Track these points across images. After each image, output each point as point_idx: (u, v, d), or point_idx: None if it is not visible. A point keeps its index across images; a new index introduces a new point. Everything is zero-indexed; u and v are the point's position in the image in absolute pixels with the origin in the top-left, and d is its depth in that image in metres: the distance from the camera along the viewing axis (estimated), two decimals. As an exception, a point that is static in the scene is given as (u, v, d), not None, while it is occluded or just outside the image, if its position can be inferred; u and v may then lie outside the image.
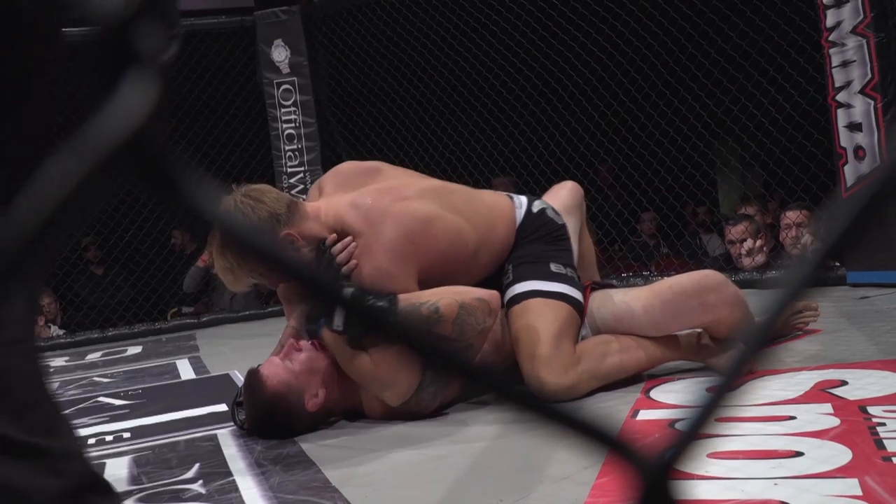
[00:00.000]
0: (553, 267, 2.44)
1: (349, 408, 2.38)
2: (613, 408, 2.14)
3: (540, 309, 2.36)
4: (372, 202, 2.37)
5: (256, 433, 2.31)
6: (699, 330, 2.45)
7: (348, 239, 2.33)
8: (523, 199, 2.62)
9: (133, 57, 0.29)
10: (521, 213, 2.57)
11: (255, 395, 2.27)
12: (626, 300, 2.44)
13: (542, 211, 2.59)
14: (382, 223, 2.31)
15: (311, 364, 2.29)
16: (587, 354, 2.35)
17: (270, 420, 2.27)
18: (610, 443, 0.34)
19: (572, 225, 2.76)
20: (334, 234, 2.35)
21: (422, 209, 2.36)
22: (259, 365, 2.33)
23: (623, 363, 2.37)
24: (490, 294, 2.29)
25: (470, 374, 0.35)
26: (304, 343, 2.35)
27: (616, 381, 2.40)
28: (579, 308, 2.43)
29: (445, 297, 2.21)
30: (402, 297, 2.19)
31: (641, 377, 2.41)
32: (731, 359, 0.35)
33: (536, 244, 2.50)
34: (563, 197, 2.82)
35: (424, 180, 2.61)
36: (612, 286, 2.63)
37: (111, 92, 0.29)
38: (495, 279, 2.50)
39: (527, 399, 0.35)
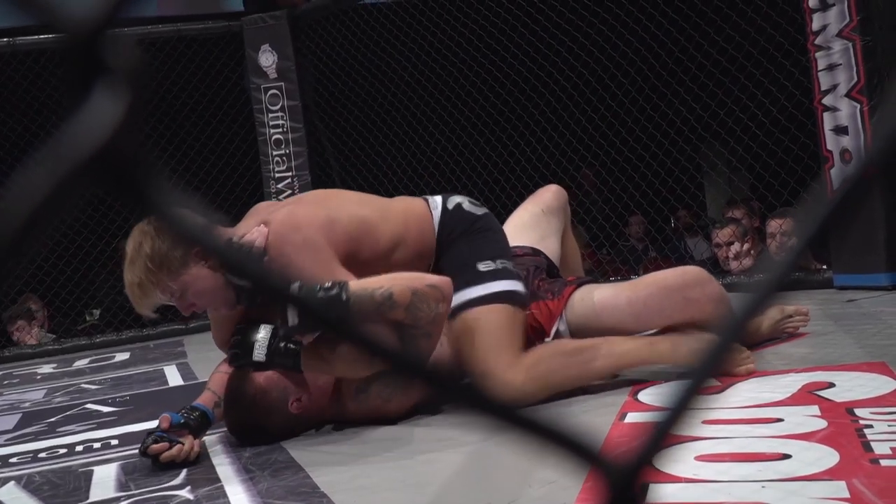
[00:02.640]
0: (481, 266, 2.36)
1: (336, 417, 2.36)
2: (600, 411, 2.14)
3: (474, 324, 2.29)
4: (271, 216, 2.31)
5: (234, 430, 2.30)
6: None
7: (261, 227, 2.25)
8: (437, 199, 2.53)
9: (102, 66, 0.29)
10: (437, 214, 2.48)
11: (239, 390, 2.23)
12: (609, 293, 2.43)
13: (459, 206, 2.50)
14: (291, 229, 2.24)
15: None
16: (544, 360, 2.30)
17: (249, 415, 2.23)
18: (572, 446, 0.34)
19: (555, 226, 2.76)
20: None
21: (320, 211, 2.30)
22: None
23: (585, 373, 2.33)
24: (442, 280, 2.20)
25: (428, 378, 0.35)
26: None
27: (603, 384, 2.40)
28: (519, 298, 2.37)
29: (398, 283, 2.12)
30: (352, 283, 2.09)
31: (629, 380, 2.41)
32: (700, 360, 0.35)
33: (459, 244, 2.42)
34: (546, 199, 2.82)
35: (335, 193, 2.59)
36: (595, 282, 2.63)
37: (82, 101, 0.29)
38: None
39: (485, 401, 0.35)
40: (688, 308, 2.34)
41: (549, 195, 2.84)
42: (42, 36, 5.91)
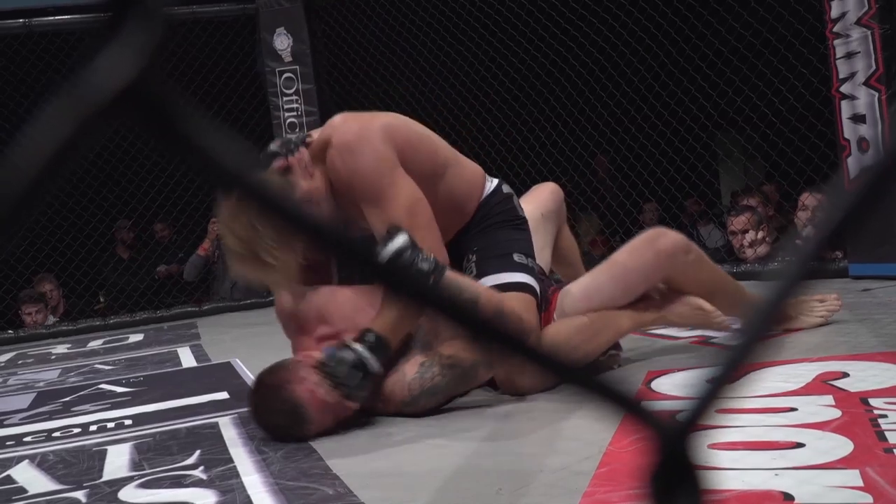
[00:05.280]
0: (516, 257, 2.43)
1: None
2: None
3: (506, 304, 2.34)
4: (346, 116, 2.36)
5: (263, 428, 2.17)
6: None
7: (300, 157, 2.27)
8: (495, 179, 2.60)
9: (135, 1, 0.28)
10: (490, 186, 2.54)
11: (274, 397, 2.10)
12: (589, 280, 2.50)
13: (510, 196, 2.57)
14: (344, 124, 2.29)
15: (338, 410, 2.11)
16: (560, 348, 2.33)
17: (295, 415, 2.08)
18: (628, 405, 0.33)
19: (551, 233, 2.79)
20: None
21: (377, 118, 2.34)
22: (282, 366, 2.17)
23: (604, 341, 2.41)
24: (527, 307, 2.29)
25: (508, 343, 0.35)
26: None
27: (615, 373, 2.43)
28: (538, 298, 2.43)
29: (488, 293, 2.18)
30: (448, 274, 2.10)
31: (642, 369, 2.41)
32: (739, 335, 0.35)
33: (501, 230, 2.47)
34: (544, 199, 2.82)
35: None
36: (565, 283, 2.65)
37: (113, 33, 0.28)
38: (455, 261, 2.43)
39: (553, 362, 0.34)
40: (662, 260, 2.42)
41: (546, 194, 2.84)
42: (57, 17, 5.92)
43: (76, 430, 2.54)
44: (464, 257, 2.47)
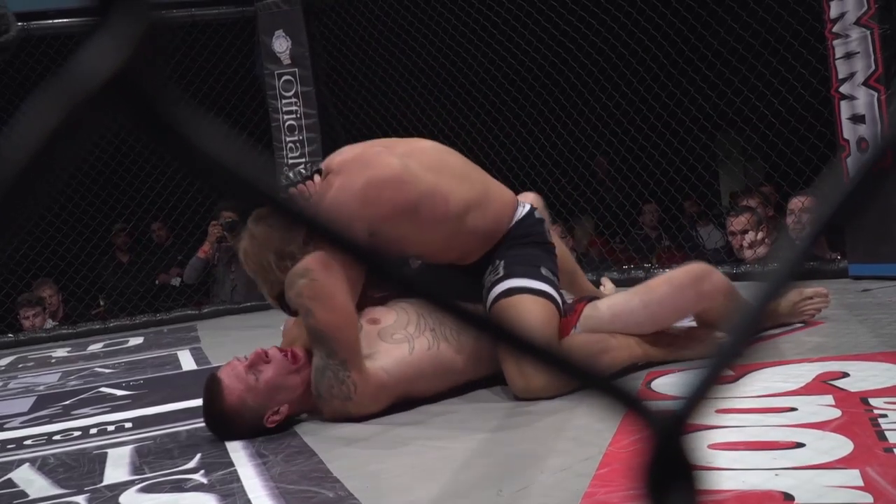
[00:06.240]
0: (543, 270, 2.45)
1: (311, 409, 2.33)
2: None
3: (531, 305, 2.35)
4: (360, 150, 2.42)
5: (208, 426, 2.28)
6: (689, 324, 2.50)
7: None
8: (528, 204, 2.62)
9: None
10: (522, 211, 2.56)
11: (212, 405, 2.21)
12: (621, 299, 2.49)
13: (542, 220, 2.60)
14: (361, 167, 2.33)
15: (276, 381, 2.21)
16: (577, 351, 2.34)
17: (224, 428, 2.21)
18: (626, 399, 0.33)
19: None
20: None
21: (396, 163, 2.35)
22: (220, 367, 2.28)
23: (614, 361, 2.37)
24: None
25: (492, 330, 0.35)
26: (274, 352, 2.26)
27: (615, 373, 2.42)
28: (561, 311, 2.44)
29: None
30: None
31: (642, 368, 2.41)
32: (733, 330, 0.35)
33: (531, 248, 2.50)
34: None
35: (422, 142, 2.62)
36: (597, 298, 2.63)
37: (98, 24, 0.28)
38: (481, 270, 2.48)
39: (548, 354, 0.34)
40: (700, 301, 2.42)
41: (531, 198, 2.85)
42: (56, 21, 5.92)
43: (76, 434, 2.54)
44: (484, 269, 2.49)
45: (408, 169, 2.35)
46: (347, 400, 2.21)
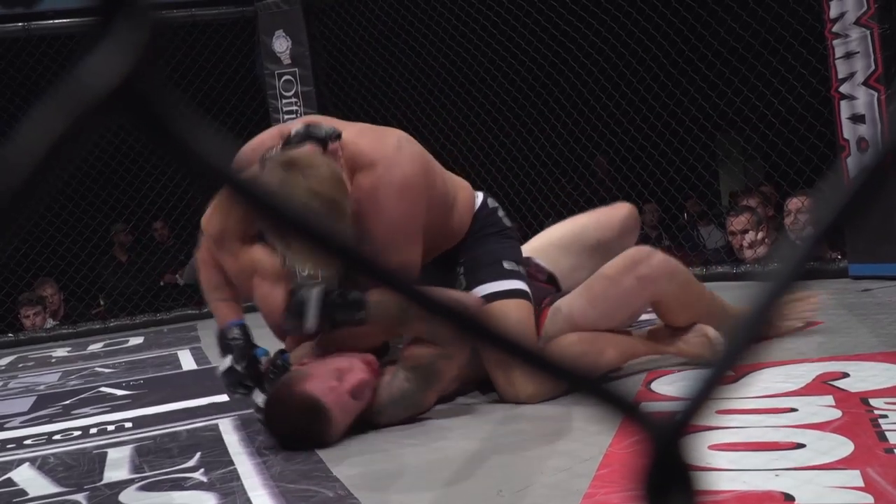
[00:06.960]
0: (506, 265, 2.41)
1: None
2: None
3: (504, 311, 2.31)
4: (381, 130, 2.32)
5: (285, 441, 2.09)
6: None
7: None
8: (480, 193, 2.59)
9: (123, 2, 0.28)
10: (478, 201, 2.54)
11: (287, 401, 2.05)
12: (573, 300, 2.40)
13: (496, 209, 2.57)
14: (398, 153, 2.20)
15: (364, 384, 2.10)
16: (569, 353, 2.31)
17: (301, 435, 2.04)
18: (623, 406, 0.33)
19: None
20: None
21: (420, 149, 2.32)
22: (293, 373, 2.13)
23: (610, 361, 2.35)
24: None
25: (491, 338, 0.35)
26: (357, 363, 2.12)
27: (616, 374, 2.41)
28: (530, 297, 2.40)
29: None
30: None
31: (642, 370, 2.41)
32: (733, 335, 0.35)
33: (490, 241, 2.46)
34: (612, 226, 2.85)
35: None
36: (559, 294, 2.56)
37: (101, 33, 0.28)
38: (446, 276, 2.43)
39: (544, 360, 0.34)
40: (645, 286, 2.31)
41: (617, 221, 2.81)
42: (56, 21, 5.92)
43: (76, 433, 2.54)
44: (453, 270, 2.46)
45: (424, 157, 2.34)
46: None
